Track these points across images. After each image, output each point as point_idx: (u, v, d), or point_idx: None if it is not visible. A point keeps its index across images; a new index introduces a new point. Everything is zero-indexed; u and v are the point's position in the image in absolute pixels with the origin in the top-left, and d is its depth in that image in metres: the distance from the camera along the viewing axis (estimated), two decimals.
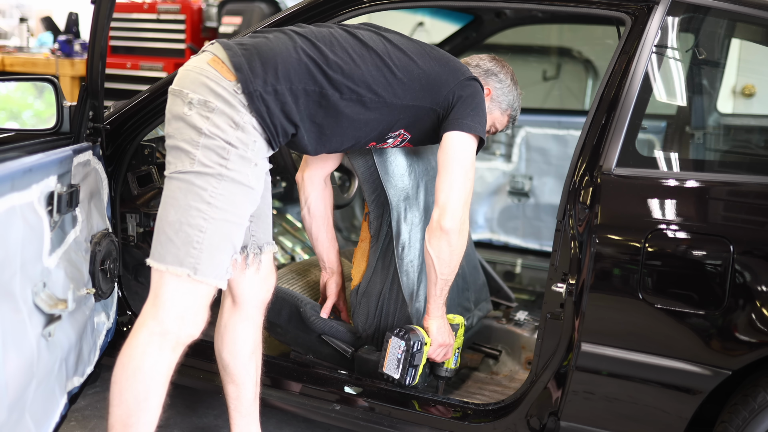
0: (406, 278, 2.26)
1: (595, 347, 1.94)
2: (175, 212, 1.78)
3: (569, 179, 1.99)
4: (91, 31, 2.09)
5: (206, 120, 1.77)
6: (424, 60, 2.02)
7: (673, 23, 2.06)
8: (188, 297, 1.80)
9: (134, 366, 1.79)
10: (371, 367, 2.26)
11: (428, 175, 2.37)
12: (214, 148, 1.77)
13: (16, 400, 1.58)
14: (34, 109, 2.42)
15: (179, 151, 1.79)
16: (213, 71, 1.80)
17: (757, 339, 1.80)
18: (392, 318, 2.27)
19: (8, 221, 1.55)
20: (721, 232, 1.85)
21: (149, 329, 1.79)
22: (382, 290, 2.28)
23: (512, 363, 2.67)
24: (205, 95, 1.78)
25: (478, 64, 2.27)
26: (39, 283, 1.68)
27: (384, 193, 2.25)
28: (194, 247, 1.77)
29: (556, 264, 2.01)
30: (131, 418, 1.80)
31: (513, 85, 2.28)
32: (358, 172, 2.29)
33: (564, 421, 2.01)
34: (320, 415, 2.27)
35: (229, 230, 1.81)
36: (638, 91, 1.98)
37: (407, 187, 2.26)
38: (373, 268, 2.30)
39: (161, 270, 1.78)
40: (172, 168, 1.80)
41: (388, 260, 2.27)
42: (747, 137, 3.55)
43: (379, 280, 2.29)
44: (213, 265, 1.79)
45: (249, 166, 1.81)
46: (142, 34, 5.88)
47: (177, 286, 1.79)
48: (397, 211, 2.24)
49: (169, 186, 1.81)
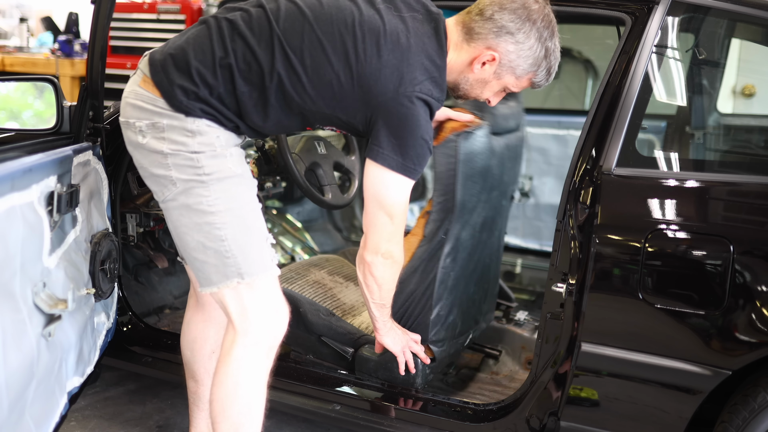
0: (442, 288, 2.22)
1: (595, 347, 1.94)
2: (190, 237, 1.80)
3: (569, 179, 1.99)
4: (91, 31, 2.09)
5: (163, 141, 1.76)
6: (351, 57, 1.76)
7: (673, 23, 2.06)
8: (254, 301, 1.81)
9: (234, 382, 1.81)
10: (372, 366, 2.26)
11: (489, 200, 2.31)
12: (184, 162, 1.76)
13: (16, 400, 1.58)
14: (34, 109, 2.42)
15: (156, 179, 1.81)
16: (145, 93, 1.79)
17: (757, 339, 1.80)
18: (413, 321, 2.24)
19: (8, 221, 1.55)
20: (721, 232, 1.85)
21: (240, 345, 1.81)
22: (415, 291, 2.23)
23: (512, 363, 2.67)
24: (150, 118, 1.77)
25: (492, 17, 1.81)
26: (39, 283, 1.68)
27: (453, 199, 2.15)
28: (226, 256, 1.78)
29: (556, 264, 2.01)
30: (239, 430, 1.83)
31: (539, 44, 1.82)
32: (437, 170, 2.16)
33: (564, 421, 2.01)
34: (320, 415, 2.27)
35: (245, 223, 1.80)
36: (638, 91, 1.98)
37: (474, 204, 2.21)
38: (414, 268, 2.23)
39: (218, 292, 1.81)
40: (161, 196, 1.82)
41: (431, 265, 2.21)
42: (747, 137, 3.54)
43: (416, 280, 2.23)
44: (254, 261, 1.80)
45: (225, 158, 1.79)
46: (142, 34, 5.87)
47: (239, 297, 1.80)
48: (459, 222, 2.19)
49: (169, 216, 1.83)
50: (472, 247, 2.28)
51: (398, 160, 1.79)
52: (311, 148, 2.58)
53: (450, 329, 2.30)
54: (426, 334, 2.23)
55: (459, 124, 2.13)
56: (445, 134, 2.12)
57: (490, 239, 2.42)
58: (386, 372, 2.24)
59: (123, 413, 2.64)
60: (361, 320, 2.45)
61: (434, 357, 2.26)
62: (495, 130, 2.21)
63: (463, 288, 2.31)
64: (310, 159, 2.53)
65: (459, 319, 2.33)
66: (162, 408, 2.68)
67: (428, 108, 1.79)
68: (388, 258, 1.94)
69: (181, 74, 1.77)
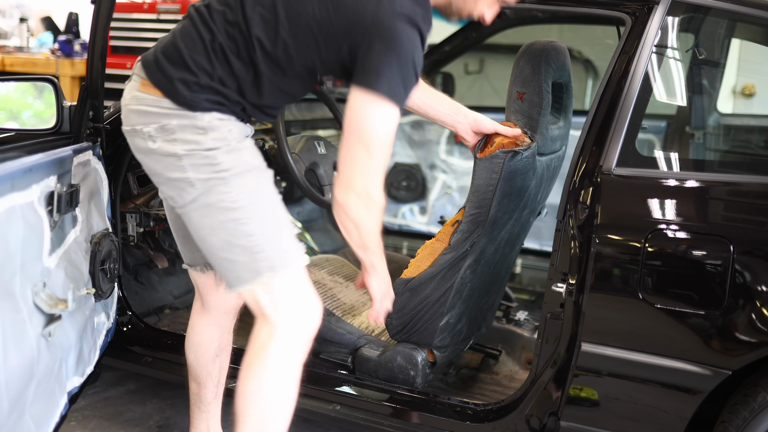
0: (457, 297, 2.20)
1: (596, 347, 1.94)
2: (215, 237, 1.74)
3: (569, 179, 1.99)
4: (91, 31, 2.09)
5: (175, 142, 1.71)
6: None
7: (673, 23, 2.06)
8: (287, 293, 1.76)
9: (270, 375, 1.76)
10: (372, 366, 2.26)
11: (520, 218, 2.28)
12: (200, 161, 1.71)
13: (16, 400, 1.58)
14: (34, 109, 2.42)
15: (173, 183, 1.75)
16: (147, 96, 1.74)
17: (757, 339, 1.80)
18: (422, 325, 2.23)
19: (8, 221, 1.55)
20: (721, 232, 1.85)
21: (278, 337, 1.75)
22: (429, 297, 2.21)
23: (512, 363, 2.67)
24: (158, 121, 1.72)
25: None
26: (39, 283, 1.68)
27: (486, 214, 2.11)
28: (255, 251, 1.72)
29: (556, 264, 2.01)
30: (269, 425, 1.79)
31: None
32: (475, 183, 2.12)
33: (564, 421, 2.01)
34: (320, 415, 2.27)
35: (270, 215, 1.76)
36: (638, 91, 1.98)
37: (505, 222, 2.18)
38: (432, 274, 2.20)
39: (249, 290, 1.75)
40: (180, 201, 1.75)
41: (451, 274, 2.18)
42: (747, 137, 3.55)
43: (433, 286, 2.20)
44: (283, 252, 1.75)
45: (240, 152, 1.74)
46: (142, 34, 5.87)
47: (271, 290, 1.75)
48: (487, 237, 2.16)
49: (190, 219, 1.77)
50: (493, 261, 2.25)
51: (382, 83, 1.65)
52: (311, 148, 2.58)
53: (456, 336, 2.29)
54: (432, 340, 2.22)
55: (508, 141, 2.07)
56: (492, 149, 2.07)
57: (511, 253, 2.41)
58: (386, 371, 2.24)
59: (123, 413, 2.64)
60: (360, 320, 2.45)
61: (435, 361, 2.26)
62: (541, 150, 2.15)
63: (476, 298, 2.29)
64: (310, 159, 2.53)
65: (465, 326, 2.32)
66: (162, 408, 2.68)
67: (414, 28, 1.67)
68: (362, 196, 1.71)
69: (177, 68, 1.73)
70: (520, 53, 2.16)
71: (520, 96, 2.13)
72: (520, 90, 2.13)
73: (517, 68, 2.13)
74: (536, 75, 2.09)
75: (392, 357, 2.21)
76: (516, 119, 2.14)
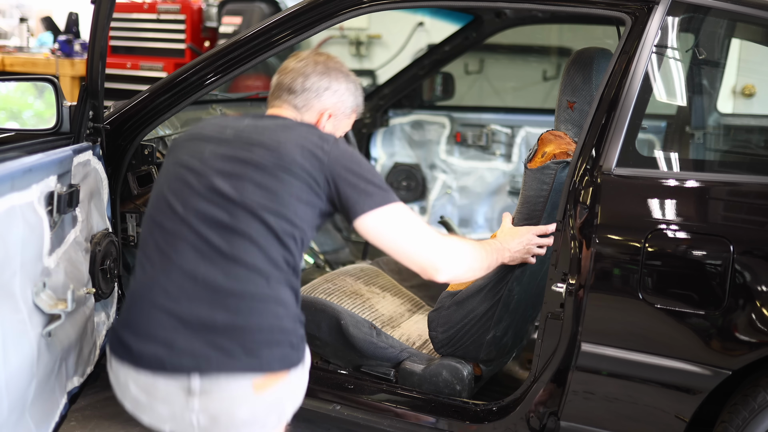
0: (504, 310, 2.19)
1: (596, 347, 1.94)
2: None
3: (569, 179, 1.99)
4: (91, 31, 2.09)
5: None
6: None
7: (673, 23, 2.06)
8: None
9: None
10: (416, 380, 2.23)
11: None
12: None
13: (16, 400, 1.58)
14: (34, 109, 2.42)
15: None
16: None
17: (757, 339, 1.80)
18: (468, 339, 2.21)
19: (8, 221, 1.55)
20: (721, 232, 1.85)
21: None
22: (476, 310, 2.19)
23: (512, 363, 2.67)
24: None
25: (305, 87, 1.82)
26: (39, 283, 1.68)
27: (535, 225, 2.11)
28: None
29: (556, 264, 2.01)
30: None
31: (347, 82, 1.87)
32: (525, 193, 2.10)
33: (564, 421, 2.01)
34: (320, 415, 2.27)
35: None
36: (638, 91, 1.97)
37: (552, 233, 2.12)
38: (480, 287, 2.18)
39: None
40: None
41: (499, 286, 2.16)
42: (747, 137, 3.55)
43: (480, 300, 2.18)
44: None
45: None
46: (142, 34, 5.87)
47: None
48: None
49: None
50: (540, 272, 2.22)
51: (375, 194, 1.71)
52: None
53: (501, 349, 2.27)
54: (478, 353, 2.22)
55: (560, 152, 2.06)
56: (544, 160, 2.06)
57: None
58: (431, 385, 2.22)
59: (123, 413, 2.62)
60: (401, 332, 2.43)
61: (481, 375, 2.25)
62: None
63: (522, 311, 2.27)
64: None
65: (510, 339, 2.29)
66: None
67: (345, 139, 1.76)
68: (445, 261, 1.77)
69: None
70: (570, 61, 2.14)
71: (571, 105, 2.12)
72: (570, 99, 2.12)
73: (567, 76, 2.12)
74: (587, 84, 2.08)
75: (437, 371, 2.20)
76: (566, 129, 2.13)
